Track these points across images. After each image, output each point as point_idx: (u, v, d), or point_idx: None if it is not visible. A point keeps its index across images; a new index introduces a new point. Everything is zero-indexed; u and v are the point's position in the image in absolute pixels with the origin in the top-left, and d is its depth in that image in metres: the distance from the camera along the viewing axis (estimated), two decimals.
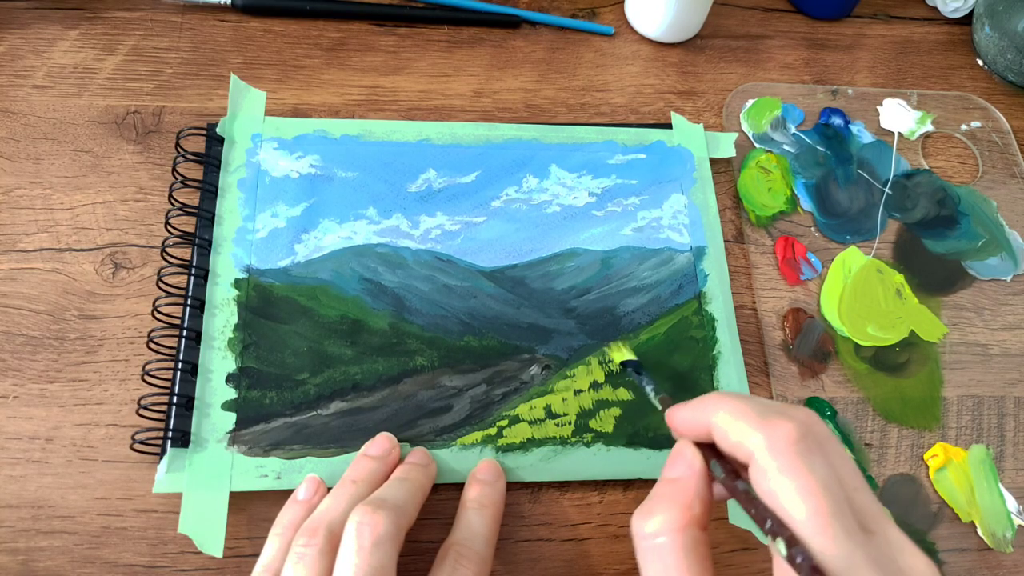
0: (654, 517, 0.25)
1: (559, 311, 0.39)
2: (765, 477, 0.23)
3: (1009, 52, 0.50)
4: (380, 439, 0.34)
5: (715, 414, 0.26)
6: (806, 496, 0.22)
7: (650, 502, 0.25)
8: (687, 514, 0.24)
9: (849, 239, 0.44)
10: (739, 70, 0.50)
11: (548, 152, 0.44)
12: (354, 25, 0.48)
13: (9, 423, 0.34)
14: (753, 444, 0.24)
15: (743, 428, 0.24)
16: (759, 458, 0.23)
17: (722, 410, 0.25)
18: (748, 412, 0.25)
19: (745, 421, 0.24)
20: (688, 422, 0.27)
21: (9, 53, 0.44)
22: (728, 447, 0.25)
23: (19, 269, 0.37)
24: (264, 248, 0.38)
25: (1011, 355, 0.42)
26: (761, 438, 0.24)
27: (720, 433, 0.25)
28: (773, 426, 0.24)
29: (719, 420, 0.25)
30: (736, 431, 0.25)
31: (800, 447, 0.23)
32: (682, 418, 0.27)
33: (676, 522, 0.24)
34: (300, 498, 0.32)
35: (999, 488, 0.38)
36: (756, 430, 0.24)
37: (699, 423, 0.26)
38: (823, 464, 0.23)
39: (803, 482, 0.22)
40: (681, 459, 0.27)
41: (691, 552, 0.24)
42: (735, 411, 0.25)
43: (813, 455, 0.23)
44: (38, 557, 0.32)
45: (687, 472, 0.26)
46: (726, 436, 0.25)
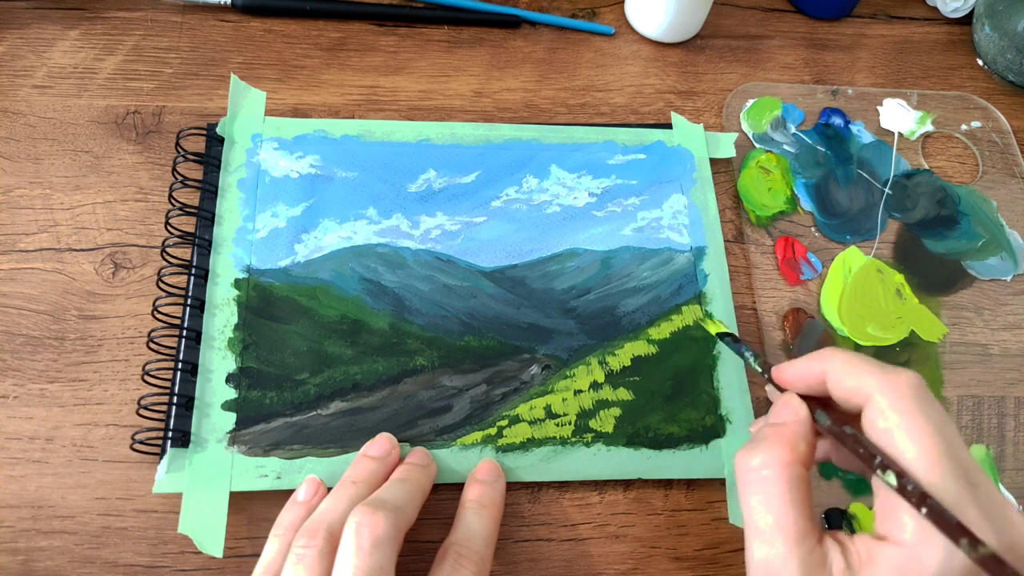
0: (761, 452, 0.26)
1: (559, 311, 0.39)
2: (882, 414, 0.24)
3: (1009, 52, 0.50)
4: (380, 439, 0.34)
5: (830, 362, 0.27)
6: (919, 436, 0.23)
7: (756, 441, 0.27)
8: (793, 452, 0.26)
9: (849, 239, 0.44)
10: (739, 70, 0.50)
11: (548, 152, 0.44)
12: (354, 25, 0.48)
13: (9, 423, 0.34)
14: (871, 386, 0.25)
15: (860, 373, 0.26)
16: (877, 398, 0.25)
17: (838, 358, 0.27)
18: (864, 361, 0.26)
19: (863, 366, 0.26)
20: (800, 373, 0.28)
21: (9, 53, 0.44)
22: (843, 392, 0.26)
23: (19, 269, 0.37)
24: (264, 248, 0.38)
25: (1011, 355, 0.42)
26: (879, 381, 0.25)
27: (836, 377, 0.27)
28: (891, 374, 0.25)
29: (835, 366, 0.27)
30: (854, 375, 0.26)
31: (917, 394, 0.25)
32: (794, 370, 0.29)
33: (783, 458, 0.25)
34: (300, 499, 0.32)
35: (999, 488, 0.38)
36: (874, 375, 0.25)
37: (811, 373, 0.28)
38: (935, 412, 0.24)
39: (917, 423, 0.24)
40: (787, 408, 0.28)
41: (795, 486, 0.25)
42: (852, 359, 0.27)
43: (927, 403, 0.24)
44: (38, 557, 0.32)
45: (793, 417, 0.27)
46: (842, 380, 0.26)
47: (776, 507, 0.25)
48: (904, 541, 0.23)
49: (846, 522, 0.36)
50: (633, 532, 0.35)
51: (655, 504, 0.36)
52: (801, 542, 0.24)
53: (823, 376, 0.27)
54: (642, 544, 0.35)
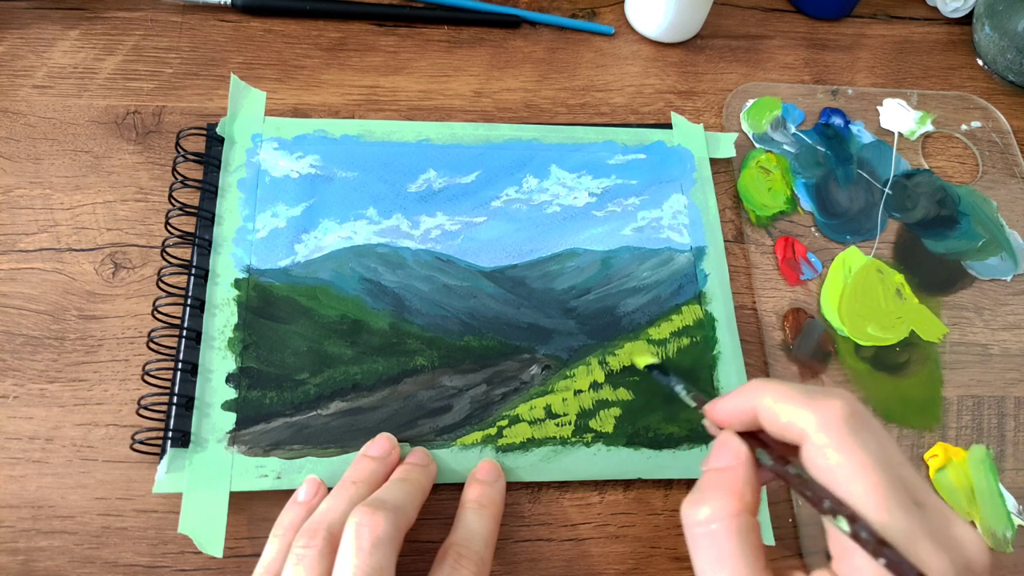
0: (706, 505, 0.25)
1: (559, 311, 0.39)
2: (821, 454, 0.24)
3: (1009, 52, 0.50)
4: (380, 440, 0.34)
5: (761, 398, 0.26)
6: (861, 472, 0.23)
7: (700, 491, 0.26)
8: (739, 501, 0.25)
9: (849, 239, 0.44)
10: (739, 70, 0.50)
11: (548, 152, 0.44)
12: (354, 25, 0.48)
13: (9, 423, 0.34)
14: (805, 423, 0.24)
15: (792, 409, 0.25)
16: (813, 436, 0.24)
17: (767, 394, 0.26)
18: (794, 394, 0.25)
19: (793, 402, 0.25)
20: (731, 411, 0.27)
21: (9, 53, 0.44)
22: (777, 428, 0.25)
23: (19, 269, 0.37)
24: (264, 248, 0.38)
25: (1011, 355, 0.42)
26: (812, 416, 0.24)
27: (768, 415, 0.26)
28: (822, 405, 0.24)
29: (766, 403, 0.26)
30: (786, 412, 0.25)
31: (850, 424, 0.24)
32: (724, 408, 0.28)
33: (729, 508, 0.24)
34: (300, 499, 0.32)
35: (999, 488, 0.38)
36: (806, 409, 0.24)
37: (743, 410, 0.27)
38: (872, 439, 0.23)
39: (857, 458, 0.23)
40: (726, 449, 0.27)
41: (745, 537, 0.24)
42: (781, 394, 0.26)
43: (862, 431, 0.24)
44: (38, 557, 0.32)
45: (734, 461, 0.26)
46: (775, 417, 0.25)
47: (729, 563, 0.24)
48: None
49: None
50: (633, 532, 0.35)
51: (655, 504, 0.36)
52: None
53: (754, 412, 0.26)
54: (642, 544, 0.35)
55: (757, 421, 0.26)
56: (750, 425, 0.27)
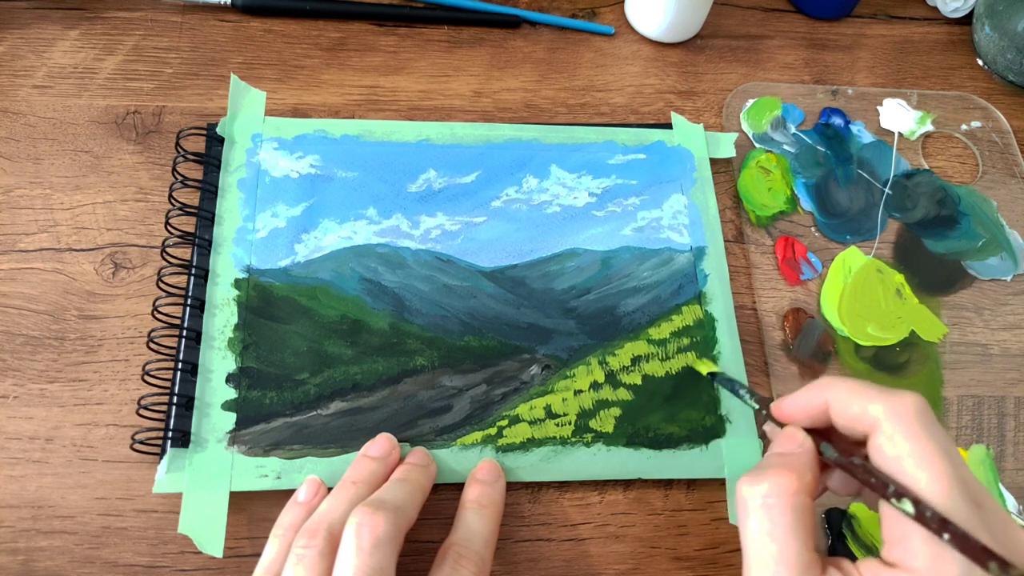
0: (766, 481, 0.25)
1: (559, 311, 0.39)
2: (891, 441, 0.24)
3: (1009, 52, 0.50)
4: (380, 440, 0.34)
5: (831, 391, 0.27)
6: (928, 461, 0.23)
7: (761, 469, 0.26)
8: (799, 481, 0.25)
9: (849, 239, 0.44)
10: (739, 70, 0.50)
11: (548, 152, 0.44)
12: (354, 25, 0.48)
13: (9, 423, 0.34)
14: (877, 412, 0.25)
15: (864, 399, 0.26)
16: (884, 424, 0.25)
17: (838, 386, 0.27)
18: (865, 387, 0.26)
19: (865, 393, 0.26)
20: (800, 405, 0.28)
21: (9, 53, 0.44)
22: (848, 418, 0.26)
23: (19, 269, 0.37)
24: (264, 248, 0.38)
25: (1011, 355, 0.42)
26: (884, 406, 0.25)
27: (840, 406, 0.26)
28: (894, 397, 0.25)
29: (838, 394, 0.27)
30: (858, 402, 0.26)
31: (921, 417, 0.24)
32: (793, 403, 0.28)
33: (788, 486, 0.25)
34: (300, 499, 0.32)
35: (999, 488, 0.38)
36: (878, 400, 0.25)
37: (813, 404, 0.27)
38: (941, 435, 0.24)
39: (925, 448, 0.24)
40: (791, 440, 0.27)
41: (800, 516, 0.25)
42: (854, 386, 0.26)
43: (932, 426, 0.24)
44: (38, 557, 0.32)
45: (798, 448, 0.27)
46: (846, 408, 0.26)
47: (780, 537, 0.24)
48: (916, 568, 0.23)
49: (846, 523, 0.36)
50: (633, 532, 0.35)
51: (655, 504, 0.36)
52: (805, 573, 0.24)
53: (825, 406, 0.27)
54: (642, 544, 0.35)
55: (824, 416, 0.27)
56: (816, 422, 0.28)
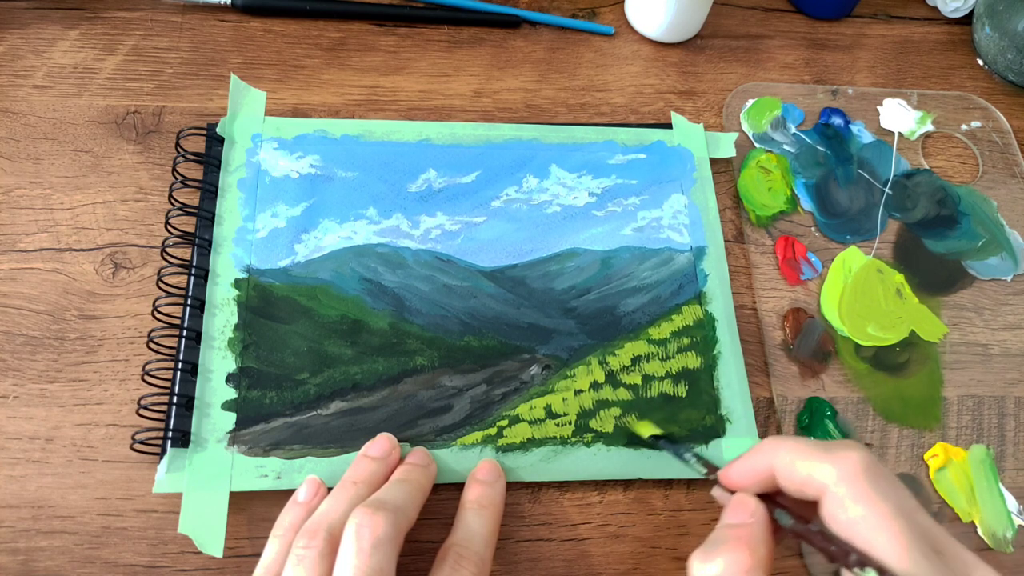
0: (719, 558, 0.25)
1: (559, 311, 0.39)
2: (842, 506, 0.24)
3: (1009, 52, 0.50)
4: (380, 440, 0.34)
5: (776, 456, 0.26)
6: (883, 522, 0.23)
7: (712, 544, 0.25)
8: (753, 556, 0.25)
9: (849, 239, 0.44)
10: (739, 70, 0.50)
11: (548, 152, 0.44)
12: (354, 25, 0.48)
13: (9, 423, 0.34)
14: (824, 476, 0.24)
15: (810, 463, 0.25)
16: (833, 488, 0.24)
17: (783, 451, 0.26)
18: (811, 449, 0.26)
19: (811, 456, 0.25)
20: (746, 472, 0.27)
21: (9, 53, 0.44)
22: (796, 483, 0.25)
23: (19, 269, 0.37)
24: (264, 248, 0.38)
25: (1011, 355, 0.42)
26: (832, 469, 0.24)
27: (787, 471, 0.26)
28: (840, 458, 0.25)
29: (783, 459, 0.26)
30: (804, 466, 0.25)
31: (868, 475, 0.24)
32: (738, 470, 0.28)
33: (742, 564, 0.24)
34: (300, 500, 0.32)
35: (999, 488, 0.38)
36: (825, 463, 0.25)
37: (758, 470, 0.27)
38: (890, 489, 0.24)
39: (878, 508, 0.23)
40: (743, 508, 0.27)
41: None
42: (798, 450, 0.26)
43: (880, 481, 0.24)
44: (38, 557, 0.32)
45: (750, 519, 0.26)
46: (794, 473, 0.25)
47: None
48: None
49: None
50: (633, 532, 0.35)
51: (655, 504, 0.36)
52: None
53: (771, 471, 0.26)
54: (642, 544, 0.35)
55: (772, 481, 0.27)
56: (765, 486, 0.27)
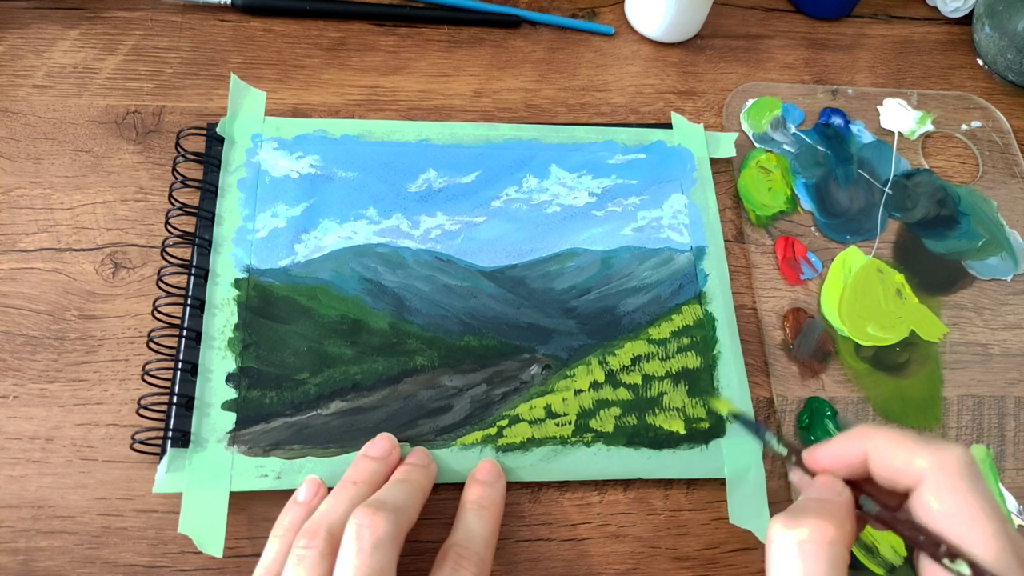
0: (806, 525, 0.24)
1: (559, 311, 0.39)
2: (938, 497, 0.24)
3: (1009, 52, 0.50)
4: (380, 440, 0.34)
5: (871, 441, 0.26)
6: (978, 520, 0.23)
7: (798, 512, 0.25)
8: (839, 530, 0.24)
9: (849, 239, 0.44)
10: (739, 70, 0.50)
11: (548, 152, 0.44)
12: (354, 25, 0.48)
13: (9, 423, 0.34)
14: (922, 465, 0.24)
15: (908, 452, 0.25)
16: (930, 478, 0.24)
17: (880, 438, 0.26)
18: (908, 438, 0.25)
19: (909, 446, 0.25)
20: (836, 455, 0.27)
21: (9, 53, 0.44)
22: (890, 470, 0.25)
23: (19, 269, 0.37)
24: (264, 248, 0.38)
25: (1011, 355, 0.42)
26: (930, 460, 0.24)
27: (881, 458, 0.26)
28: (940, 451, 0.24)
29: (879, 444, 0.26)
30: (902, 454, 0.25)
31: (968, 473, 0.24)
32: (829, 453, 0.28)
33: (828, 534, 0.24)
34: (300, 500, 0.32)
35: (999, 488, 0.38)
36: (925, 453, 0.24)
37: (850, 454, 0.27)
38: (987, 491, 0.24)
39: (974, 506, 0.23)
40: (830, 487, 0.27)
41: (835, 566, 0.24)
42: (895, 437, 0.26)
43: (979, 482, 0.24)
44: (38, 557, 0.32)
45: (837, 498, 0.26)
46: (889, 460, 0.25)
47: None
48: None
49: None
50: (633, 532, 0.35)
51: (655, 504, 0.36)
52: None
53: (863, 456, 0.26)
54: (642, 544, 0.35)
55: (860, 468, 0.26)
56: (850, 472, 0.27)
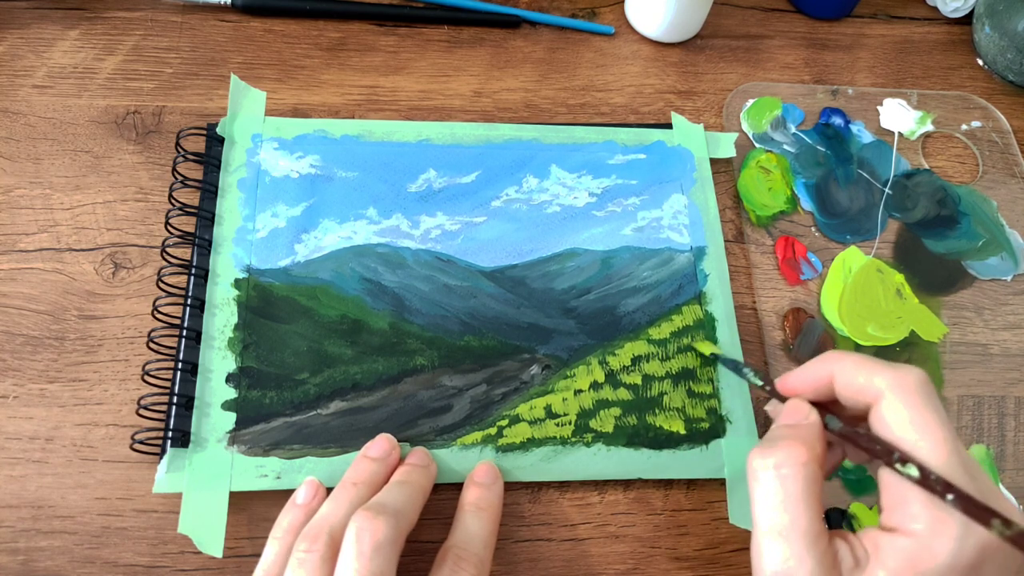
0: (780, 451, 0.26)
1: (559, 311, 0.39)
2: (892, 410, 0.26)
3: (1009, 52, 0.50)
4: (380, 440, 0.34)
5: (837, 363, 0.28)
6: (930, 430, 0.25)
7: (771, 440, 0.27)
8: (811, 451, 0.26)
9: (849, 239, 0.44)
10: (739, 70, 0.50)
11: (548, 152, 0.44)
12: (354, 25, 0.48)
13: (9, 423, 0.34)
14: (881, 383, 0.26)
15: (869, 372, 0.27)
16: (887, 394, 0.26)
17: (846, 361, 0.28)
18: (871, 361, 0.27)
19: (870, 366, 0.27)
20: (805, 378, 0.29)
21: (9, 53, 0.44)
22: (853, 389, 0.27)
23: (19, 269, 0.37)
24: (264, 248, 0.38)
25: (1011, 355, 0.42)
26: (889, 378, 0.26)
27: (846, 377, 0.27)
28: (899, 371, 0.26)
29: (844, 366, 0.28)
30: (863, 374, 0.27)
31: (924, 389, 0.26)
32: (800, 375, 0.29)
33: (799, 456, 0.26)
34: (299, 502, 0.32)
35: (999, 488, 0.38)
36: (885, 372, 0.26)
37: (818, 376, 0.28)
38: (940, 408, 0.26)
39: (927, 417, 0.25)
40: (798, 411, 0.28)
41: (810, 486, 0.25)
42: (858, 360, 0.27)
43: (934, 398, 0.26)
44: (38, 557, 0.32)
45: (805, 421, 0.28)
46: (852, 379, 0.27)
47: (793, 507, 0.25)
48: (915, 531, 0.24)
49: (846, 522, 0.36)
50: (633, 532, 0.35)
51: (655, 504, 0.36)
52: (815, 543, 0.25)
53: (830, 378, 0.28)
54: (642, 544, 0.35)
55: (828, 389, 0.28)
56: (820, 394, 0.29)
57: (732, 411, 0.37)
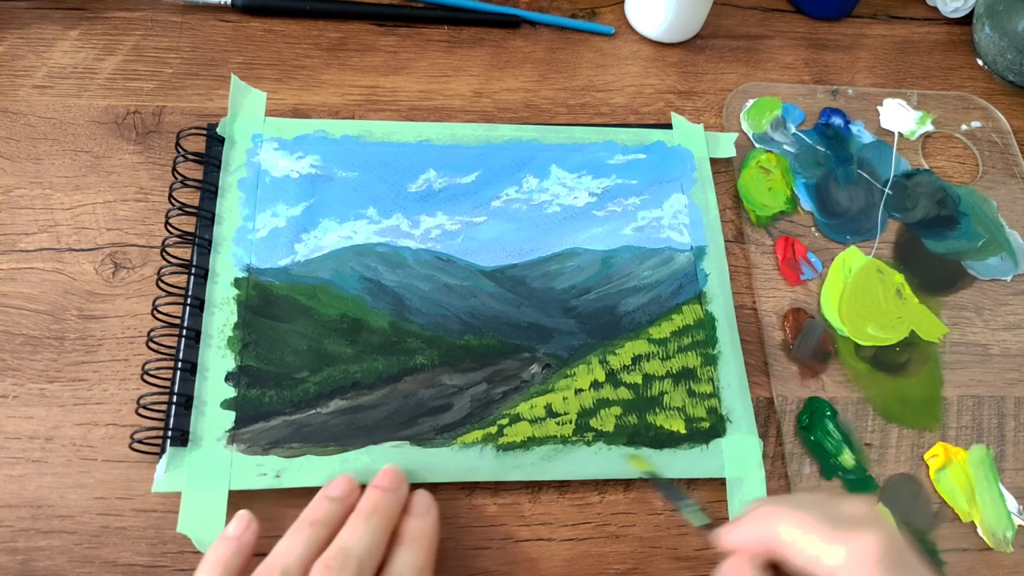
0: None
1: (559, 310, 0.39)
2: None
3: (1009, 52, 0.50)
4: (340, 480, 0.32)
5: (778, 527, 0.24)
6: None
7: None
8: None
9: (849, 239, 0.44)
10: (739, 70, 0.50)
11: (548, 152, 0.44)
12: (354, 25, 0.48)
13: (9, 423, 0.34)
14: (834, 559, 0.22)
15: (817, 543, 0.23)
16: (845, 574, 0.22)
17: (786, 523, 0.24)
18: (819, 525, 0.23)
19: (818, 534, 0.23)
20: (744, 540, 0.26)
21: (9, 53, 0.44)
22: (802, 561, 0.24)
23: (19, 269, 0.37)
24: (264, 247, 0.38)
25: (1011, 355, 0.42)
26: (843, 553, 0.22)
27: (791, 548, 0.24)
28: (855, 540, 0.23)
29: (788, 534, 0.24)
30: (812, 545, 0.23)
31: (884, 564, 0.22)
32: (737, 536, 0.26)
33: None
34: (231, 534, 0.29)
35: (999, 488, 0.38)
36: (835, 544, 0.23)
37: (758, 539, 0.25)
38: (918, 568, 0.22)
39: None
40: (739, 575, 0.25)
41: None
42: (802, 523, 0.24)
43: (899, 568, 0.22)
44: (38, 557, 0.32)
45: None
46: (799, 552, 0.24)
47: None
48: None
49: None
50: (633, 532, 0.35)
51: (655, 504, 0.36)
52: None
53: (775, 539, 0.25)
54: (642, 544, 0.35)
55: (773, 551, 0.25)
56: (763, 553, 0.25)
57: (732, 411, 0.37)
